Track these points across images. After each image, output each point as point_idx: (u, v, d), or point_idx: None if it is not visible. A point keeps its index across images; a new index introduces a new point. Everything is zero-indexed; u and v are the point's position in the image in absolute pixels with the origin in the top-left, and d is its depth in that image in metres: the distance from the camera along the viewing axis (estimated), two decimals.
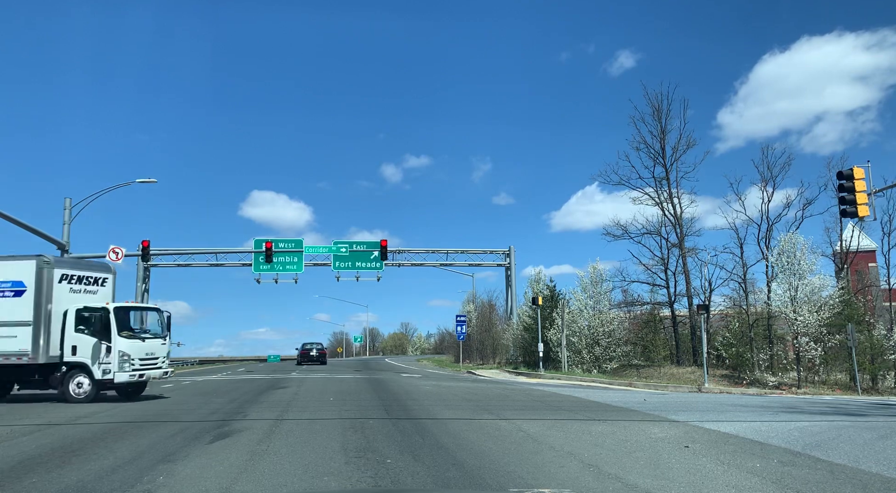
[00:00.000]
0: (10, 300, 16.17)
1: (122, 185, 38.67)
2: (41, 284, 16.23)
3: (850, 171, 19.38)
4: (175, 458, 7.90)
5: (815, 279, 27.72)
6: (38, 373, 16.54)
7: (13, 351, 16.00)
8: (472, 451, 8.41)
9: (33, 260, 16.57)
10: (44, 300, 16.22)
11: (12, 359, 16.06)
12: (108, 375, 16.07)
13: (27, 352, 15.99)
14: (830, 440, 9.75)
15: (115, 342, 16.11)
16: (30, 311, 16.07)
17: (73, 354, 16.28)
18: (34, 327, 16.03)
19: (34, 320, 16.04)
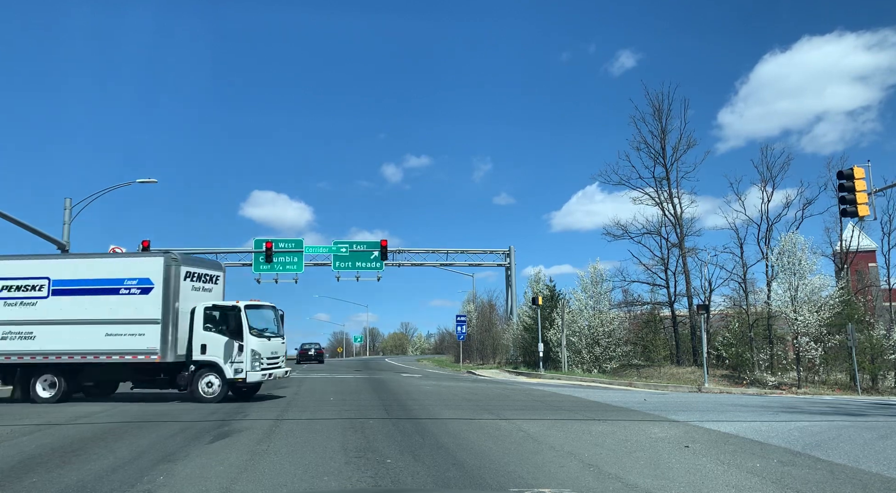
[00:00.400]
0: (136, 298, 15.89)
1: (122, 185, 38.67)
2: (169, 281, 15.92)
3: (851, 170, 19.38)
4: (175, 458, 7.90)
5: (816, 279, 27.73)
6: (164, 372, 16.21)
7: (141, 349, 15.66)
8: (473, 451, 8.41)
9: (161, 257, 16.33)
10: (171, 298, 15.89)
11: (140, 357, 15.70)
12: (239, 374, 15.80)
13: (155, 350, 15.61)
14: (830, 439, 9.75)
15: (247, 341, 15.86)
16: (158, 309, 15.74)
17: (203, 352, 16.00)
18: (163, 326, 15.67)
19: (163, 318, 15.68)
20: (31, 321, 16.06)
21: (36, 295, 16.19)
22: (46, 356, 15.99)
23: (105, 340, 15.73)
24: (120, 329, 15.78)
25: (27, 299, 16.20)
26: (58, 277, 16.25)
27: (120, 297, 15.97)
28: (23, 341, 16.05)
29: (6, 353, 16.08)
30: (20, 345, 16.04)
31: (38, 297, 16.17)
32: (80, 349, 15.84)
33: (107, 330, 15.77)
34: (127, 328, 15.77)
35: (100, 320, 15.79)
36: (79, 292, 16.13)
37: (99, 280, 16.12)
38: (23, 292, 16.23)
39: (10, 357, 16.10)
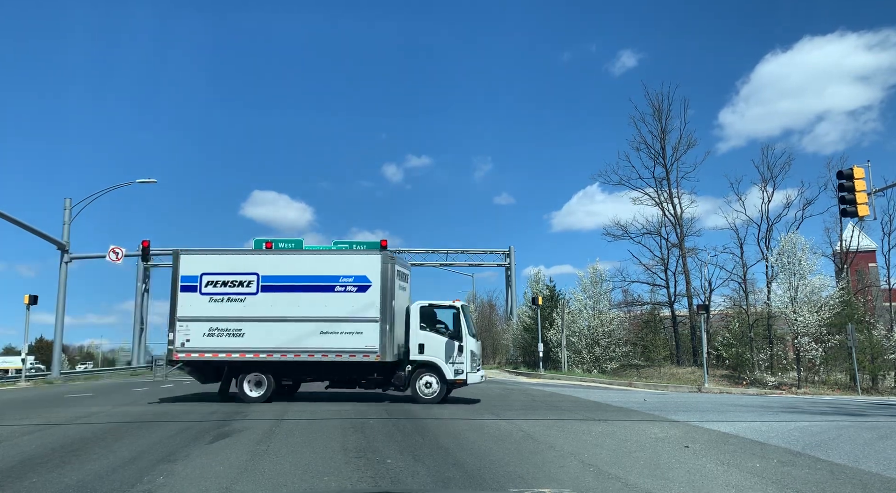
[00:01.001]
0: (353, 295, 15.42)
1: (122, 185, 38.71)
2: (385, 279, 15.49)
3: (850, 170, 19.38)
4: (175, 458, 7.90)
5: (816, 279, 27.75)
6: (378, 371, 15.71)
7: (359, 348, 15.21)
8: (473, 451, 8.41)
9: (377, 255, 15.95)
10: (388, 297, 15.49)
11: (358, 356, 15.24)
12: (460, 375, 15.52)
13: (375, 349, 15.19)
14: (830, 439, 9.76)
15: (466, 342, 15.61)
16: (376, 307, 15.32)
17: (421, 352, 15.61)
18: (381, 324, 15.27)
19: (381, 317, 15.28)
20: (239, 318, 15.47)
21: (244, 291, 15.61)
22: (257, 354, 15.44)
23: (320, 338, 15.28)
24: (336, 327, 15.33)
25: (235, 295, 15.62)
26: (267, 273, 15.69)
27: (335, 294, 15.47)
28: (231, 338, 15.44)
29: (214, 350, 15.47)
30: (228, 342, 15.44)
31: (247, 293, 15.59)
32: (294, 348, 15.34)
33: (322, 328, 15.32)
34: (344, 327, 15.33)
35: (314, 318, 15.33)
36: (290, 288, 15.62)
37: (311, 277, 15.61)
38: (230, 288, 15.64)
39: (217, 355, 15.51)
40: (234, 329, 15.45)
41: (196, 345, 15.42)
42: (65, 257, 37.22)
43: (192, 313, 15.49)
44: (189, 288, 15.65)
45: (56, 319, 37.26)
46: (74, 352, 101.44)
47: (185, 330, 15.46)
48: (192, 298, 15.57)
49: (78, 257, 40.10)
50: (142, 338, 50.99)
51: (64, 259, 37.23)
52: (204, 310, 15.50)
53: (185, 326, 15.46)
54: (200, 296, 15.56)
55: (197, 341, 15.41)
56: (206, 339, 15.41)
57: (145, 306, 50.98)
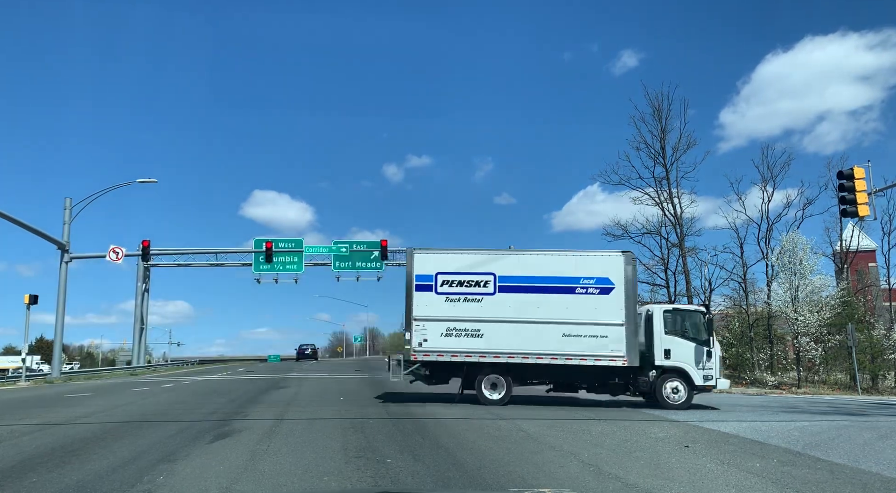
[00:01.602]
0: (595, 298, 15.05)
1: (123, 185, 38.74)
2: (629, 281, 15.15)
3: (851, 170, 19.37)
4: (175, 458, 7.90)
5: (816, 279, 27.73)
6: (619, 376, 15.25)
7: (604, 353, 14.81)
8: (473, 451, 8.41)
9: (620, 256, 15.48)
10: (633, 299, 15.27)
11: (604, 360, 14.84)
12: (709, 381, 15.16)
13: (621, 354, 14.77)
14: (830, 439, 9.76)
15: (714, 347, 15.37)
16: (620, 310, 14.92)
17: (667, 357, 15.15)
18: (626, 328, 14.86)
19: (626, 321, 14.87)
20: (477, 319, 15.18)
21: (481, 291, 15.33)
22: (497, 356, 15.08)
23: (562, 341, 14.90)
24: (579, 330, 14.93)
25: (472, 295, 15.34)
26: (503, 273, 15.40)
27: (576, 296, 15.10)
28: (470, 338, 15.15)
29: (453, 351, 15.16)
30: (467, 343, 15.14)
31: (484, 293, 15.32)
32: (536, 350, 14.97)
33: (564, 331, 14.93)
34: (587, 330, 14.92)
35: (556, 321, 14.95)
36: (528, 289, 15.27)
37: (551, 278, 15.28)
38: (467, 288, 15.38)
39: (457, 355, 15.18)
40: (473, 330, 15.21)
41: (434, 345, 15.22)
42: (65, 256, 37.23)
43: (428, 312, 15.32)
44: (424, 287, 15.50)
45: (56, 319, 37.29)
46: (75, 352, 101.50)
47: (423, 330, 15.28)
48: (427, 297, 15.41)
49: (78, 256, 40.12)
50: (142, 338, 50.98)
51: (64, 259, 37.24)
52: (440, 310, 15.32)
53: (422, 325, 15.29)
54: (436, 295, 15.39)
55: (435, 341, 15.22)
56: (444, 339, 15.20)
57: (145, 306, 50.98)
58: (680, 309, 16.17)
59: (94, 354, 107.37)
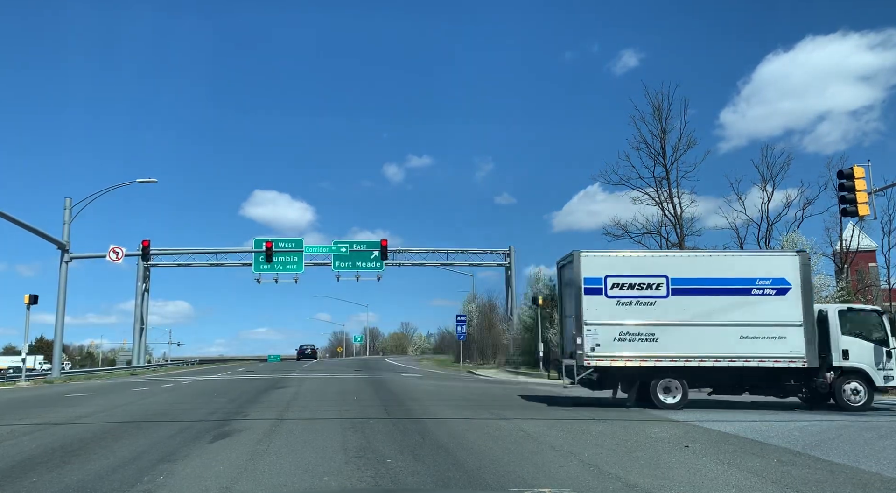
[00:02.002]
0: (772, 298, 14.78)
1: (123, 185, 38.72)
2: (806, 281, 14.98)
3: (851, 170, 19.39)
4: (175, 458, 7.90)
5: (816, 279, 27.71)
6: (794, 378, 14.94)
7: (783, 354, 14.55)
8: (473, 450, 8.41)
9: (795, 256, 15.33)
10: (810, 299, 14.98)
11: (783, 362, 14.56)
12: (890, 382, 15.04)
13: (800, 355, 14.50)
14: (830, 439, 9.76)
15: (894, 347, 15.07)
16: (797, 311, 14.67)
17: (846, 358, 14.88)
18: (805, 329, 14.60)
19: (804, 321, 14.62)
20: (650, 323, 14.86)
21: (654, 294, 14.99)
22: (673, 360, 14.72)
23: (739, 343, 14.61)
24: (757, 332, 14.67)
25: (644, 298, 15.00)
26: (676, 274, 15.08)
27: (753, 297, 14.86)
28: (644, 343, 14.82)
29: (627, 356, 14.78)
30: (641, 348, 14.81)
31: (657, 296, 14.98)
32: (713, 353, 14.67)
33: (741, 333, 14.66)
34: (765, 331, 14.67)
35: (733, 323, 14.68)
36: (703, 291, 14.98)
37: (726, 280, 15.02)
38: (638, 291, 15.04)
39: (630, 360, 14.81)
40: (647, 334, 14.86)
41: (606, 351, 14.85)
42: (65, 256, 37.23)
43: (598, 316, 14.97)
44: (593, 291, 15.10)
45: (56, 319, 37.29)
46: (74, 352, 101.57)
47: (594, 334, 14.90)
48: (597, 301, 15.05)
49: (78, 256, 40.12)
50: (142, 338, 50.99)
51: (64, 259, 37.24)
52: (612, 314, 14.97)
53: (593, 330, 14.91)
54: (606, 299, 15.04)
55: (607, 346, 14.86)
56: (617, 344, 14.85)
57: (145, 306, 50.98)
58: (855, 309, 15.97)
59: (94, 354, 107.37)
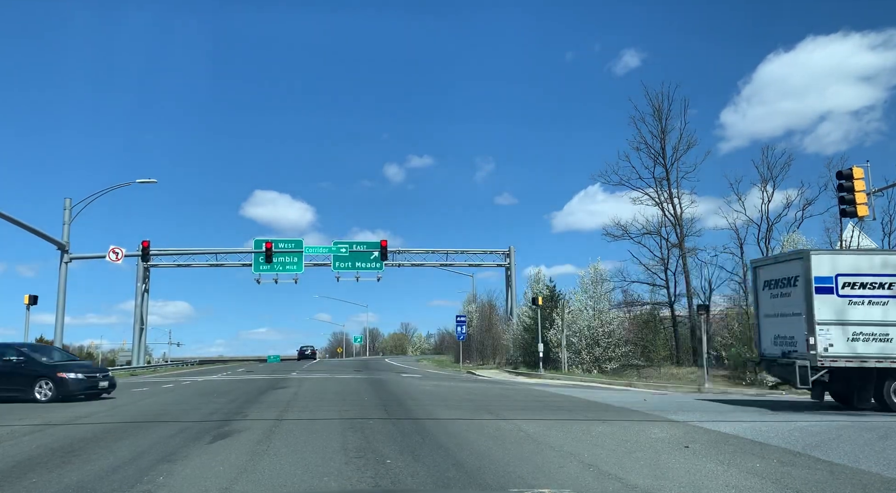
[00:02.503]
0: None
1: (122, 185, 38.72)
2: None
3: (850, 171, 19.40)
4: (175, 458, 7.90)
5: None
6: None
7: None
8: (473, 451, 8.41)
9: None
10: None
11: None
12: None
13: None
14: (830, 440, 9.76)
15: None
16: None
17: None
18: None
19: None
20: (884, 322, 14.76)
21: (886, 294, 14.91)
22: None
23: None
24: None
25: (877, 297, 14.90)
26: None
27: None
28: (878, 343, 14.73)
29: (860, 356, 14.66)
30: (875, 348, 14.69)
31: (889, 295, 14.90)
32: None
33: None
34: None
35: None
36: None
37: None
38: (871, 290, 14.97)
39: (866, 361, 14.69)
40: (881, 334, 14.82)
41: (840, 351, 14.75)
42: (65, 257, 37.24)
43: (830, 316, 14.94)
44: (824, 290, 15.06)
45: (56, 319, 37.29)
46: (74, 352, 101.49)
47: (826, 335, 14.85)
48: (828, 300, 15.01)
49: (78, 257, 40.14)
50: (142, 338, 51.00)
51: (64, 259, 37.25)
52: (843, 313, 14.96)
53: (826, 330, 14.85)
54: (837, 298, 15.02)
55: (840, 346, 14.77)
56: (851, 344, 14.77)
57: (145, 306, 50.99)
58: None
59: (94, 354, 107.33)
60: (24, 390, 16.56)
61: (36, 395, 16.45)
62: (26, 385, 16.60)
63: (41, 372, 16.76)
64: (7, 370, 16.79)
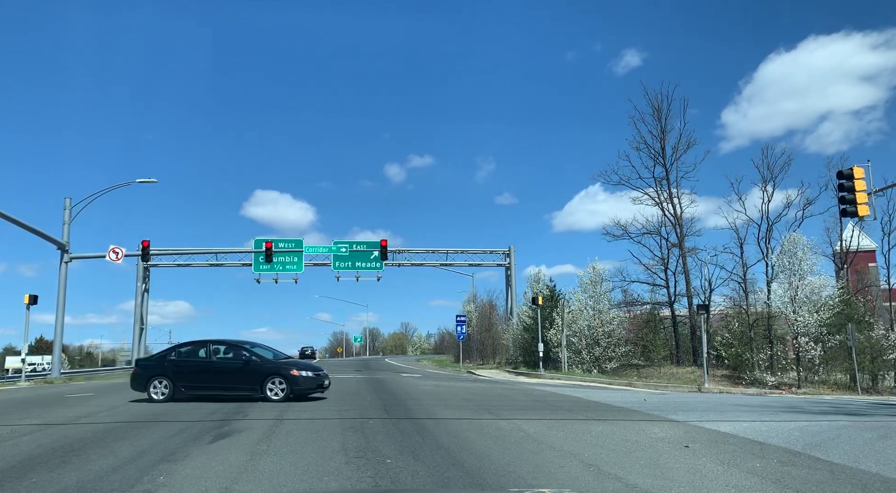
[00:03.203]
0: None
1: (122, 185, 38.71)
2: None
3: (850, 170, 19.38)
4: (175, 458, 7.90)
5: (816, 279, 27.77)
6: None
7: None
8: (473, 451, 8.41)
9: None
10: None
11: None
12: None
13: None
14: (830, 439, 9.76)
15: None
16: None
17: None
18: None
19: None
20: None
21: None
22: None
23: None
24: None
25: None
26: None
27: None
28: None
29: None
30: None
31: None
32: None
33: None
34: None
35: None
36: None
37: None
38: None
39: None
40: None
41: None
42: (65, 256, 37.24)
43: None
44: None
45: (56, 319, 37.30)
46: (74, 352, 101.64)
47: None
48: None
49: (78, 256, 40.12)
50: (142, 338, 50.98)
51: (64, 259, 37.24)
52: None
53: None
54: None
55: None
56: None
57: (145, 306, 50.98)
58: None
59: (94, 354, 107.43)
60: (255, 388, 15.95)
61: (268, 393, 15.77)
62: (257, 383, 15.95)
63: (272, 370, 16.09)
64: (237, 368, 16.21)
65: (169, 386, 16.22)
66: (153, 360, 17.46)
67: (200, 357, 16.69)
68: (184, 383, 16.26)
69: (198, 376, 16.34)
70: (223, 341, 17.45)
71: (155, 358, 17.54)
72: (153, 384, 16.28)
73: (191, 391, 16.20)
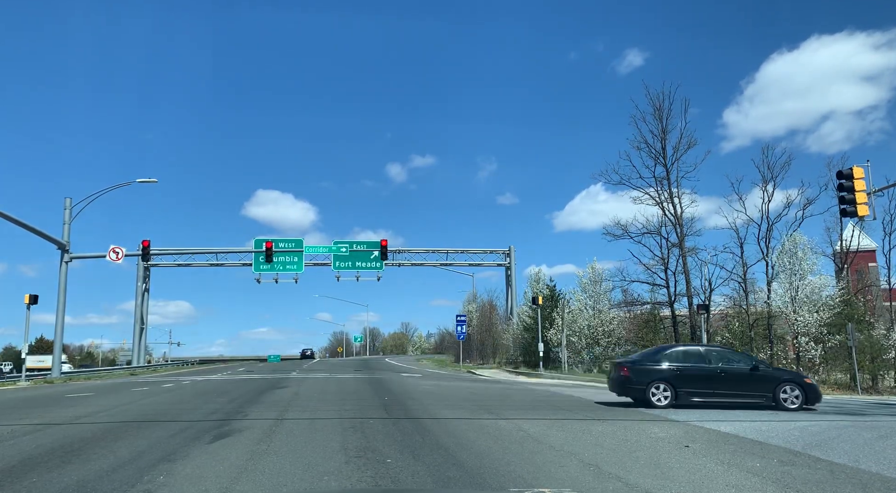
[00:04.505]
0: None
1: (123, 185, 38.72)
2: None
3: (850, 170, 19.37)
4: (175, 458, 7.90)
5: (816, 279, 27.76)
6: None
7: None
8: (473, 450, 8.41)
9: None
10: None
11: None
12: None
13: None
14: (830, 439, 9.76)
15: None
16: None
17: None
18: None
19: None
20: None
21: None
22: None
23: None
24: None
25: None
26: None
27: None
28: None
29: None
30: None
31: None
32: None
33: None
34: None
35: None
36: None
37: None
38: None
39: None
40: None
41: None
42: (65, 256, 37.24)
43: None
44: None
45: (56, 318, 37.30)
46: (75, 352, 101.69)
47: None
48: None
49: (78, 256, 40.12)
50: (142, 338, 51.00)
51: (64, 259, 37.25)
52: None
53: None
54: None
55: None
56: None
57: (145, 306, 50.99)
58: None
59: (94, 354, 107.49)
60: (767, 395, 15.48)
61: (782, 401, 15.30)
62: (769, 391, 15.49)
63: (785, 378, 15.85)
64: (745, 376, 15.62)
65: (670, 391, 15.25)
66: (644, 364, 15.96)
67: (700, 363, 15.78)
68: (687, 389, 15.34)
69: (702, 382, 15.47)
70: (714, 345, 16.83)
71: (645, 362, 16.11)
72: (651, 390, 15.22)
73: (692, 398, 15.29)
